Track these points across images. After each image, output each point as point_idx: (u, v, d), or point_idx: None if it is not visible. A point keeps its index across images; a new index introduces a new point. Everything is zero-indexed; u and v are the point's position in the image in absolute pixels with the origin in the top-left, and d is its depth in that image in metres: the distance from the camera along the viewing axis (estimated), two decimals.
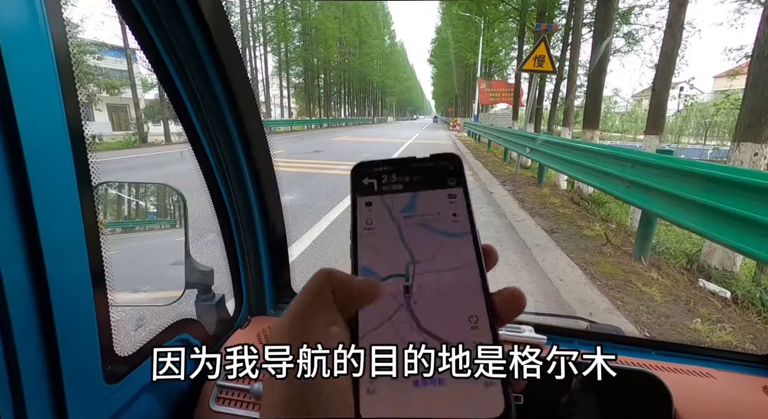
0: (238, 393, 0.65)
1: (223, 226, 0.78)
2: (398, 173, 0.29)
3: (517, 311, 0.24)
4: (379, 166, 0.29)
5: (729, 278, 3.20)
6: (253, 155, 0.74)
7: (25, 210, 0.36)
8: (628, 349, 0.71)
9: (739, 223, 2.40)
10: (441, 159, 0.29)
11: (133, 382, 0.52)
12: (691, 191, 2.81)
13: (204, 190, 0.76)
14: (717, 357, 0.69)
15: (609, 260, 3.48)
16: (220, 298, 0.78)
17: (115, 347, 0.49)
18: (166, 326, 0.62)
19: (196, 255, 0.77)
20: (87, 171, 0.43)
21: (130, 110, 20.20)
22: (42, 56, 0.37)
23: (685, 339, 2.34)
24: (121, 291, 0.59)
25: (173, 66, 0.61)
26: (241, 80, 0.68)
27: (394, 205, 0.28)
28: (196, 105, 0.67)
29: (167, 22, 0.57)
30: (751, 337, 2.41)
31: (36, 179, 0.36)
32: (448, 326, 0.23)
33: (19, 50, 0.35)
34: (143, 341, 0.57)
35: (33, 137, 0.36)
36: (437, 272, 0.25)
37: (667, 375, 0.62)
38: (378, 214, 0.28)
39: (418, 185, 0.29)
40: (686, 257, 3.69)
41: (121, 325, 0.54)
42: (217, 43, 0.62)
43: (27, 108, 0.36)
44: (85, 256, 0.42)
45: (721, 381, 0.62)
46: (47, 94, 0.38)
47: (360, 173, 0.30)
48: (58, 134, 0.39)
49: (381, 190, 0.29)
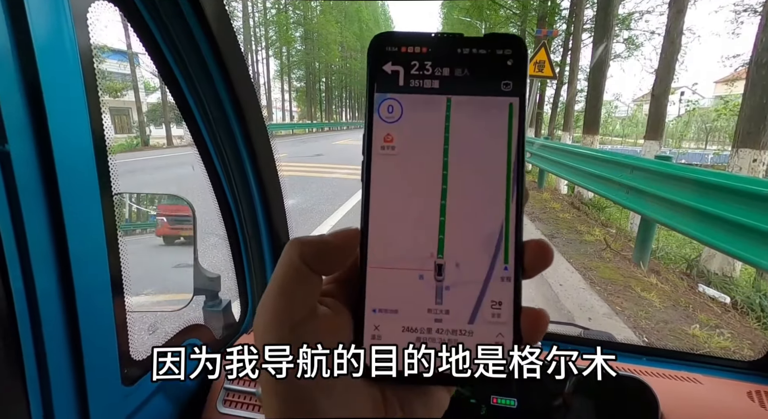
0: (244, 395, 0.68)
1: (229, 233, 0.81)
2: (436, 60, 0.21)
3: (544, 265, 0.21)
4: (411, 43, 0.21)
5: (729, 284, 3.21)
6: (258, 161, 0.77)
7: (55, 221, 0.39)
8: (620, 355, 0.74)
9: (737, 229, 2.42)
10: (497, 42, 0.21)
11: (146, 385, 0.54)
12: (689, 197, 2.83)
13: (208, 195, 0.78)
14: (705, 363, 0.72)
15: (608, 265, 3.49)
16: (227, 304, 0.81)
17: (131, 351, 0.52)
18: (176, 331, 0.65)
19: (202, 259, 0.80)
20: (108, 181, 0.46)
21: (132, 113, 20.33)
22: (71, 71, 0.40)
23: (683, 344, 2.35)
24: (136, 297, 0.62)
25: (179, 71, 0.63)
26: (245, 85, 0.71)
27: (426, 112, 0.21)
28: (203, 112, 0.69)
29: (172, 27, 0.59)
30: (749, 343, 2.42)
31: (66, 190, 0.39)
32: (467, 309, 0.20)
33: (51, 60, 0.37)
34: (155, 345, 0.60)
35: (63, 145, 0.38)
36: (469, 238, 0.21)
37: (656, 380, 0.65)
38: (405, 125, 0.21)
39: (458, 85, 0.21)
40: (686, 263, 3.70)
41: (135, 330, 0.56)
42: (221, 47, 0.63)
43: (59, 121, 0.38)
44: (106, 264, 0.45)
45: (707, 387, 0.65)
46: (76, 107, 0.41)
47: (382, 52, 0.21)
48: (85, 144, 0.42)
49: (409, 86, 0.21)
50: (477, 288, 0.21)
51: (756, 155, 3.47)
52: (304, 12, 33.41)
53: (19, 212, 0.36)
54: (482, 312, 0.21)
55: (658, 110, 5.69)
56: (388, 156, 0.21)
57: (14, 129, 0.34)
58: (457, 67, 0.21)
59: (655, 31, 13.45)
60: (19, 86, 0.35)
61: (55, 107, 0.37)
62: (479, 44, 0.21)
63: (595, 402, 0.62)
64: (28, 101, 0.35)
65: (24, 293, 0.37)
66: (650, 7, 13.23)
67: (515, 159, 0.21)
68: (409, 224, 0.21)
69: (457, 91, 0.21)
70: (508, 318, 0.20)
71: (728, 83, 23.09)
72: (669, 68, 5.71)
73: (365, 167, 0.21)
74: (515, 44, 0.21)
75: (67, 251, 0.40)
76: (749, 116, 3.49)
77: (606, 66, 7.39)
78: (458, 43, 0.21)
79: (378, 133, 0.21)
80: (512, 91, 0.21)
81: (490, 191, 0.21)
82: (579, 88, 11.01)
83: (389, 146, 0.21)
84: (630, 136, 26.20)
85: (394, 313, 0.21)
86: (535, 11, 13.00)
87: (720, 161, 13.14)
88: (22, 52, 0.35)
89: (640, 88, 37.37)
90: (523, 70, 0.21)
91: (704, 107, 27.26)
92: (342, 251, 0.21)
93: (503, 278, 0.21)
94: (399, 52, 0.21)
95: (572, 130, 9.23)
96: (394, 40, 0.21)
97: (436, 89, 0.21)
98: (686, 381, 0.66)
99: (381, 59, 0.21)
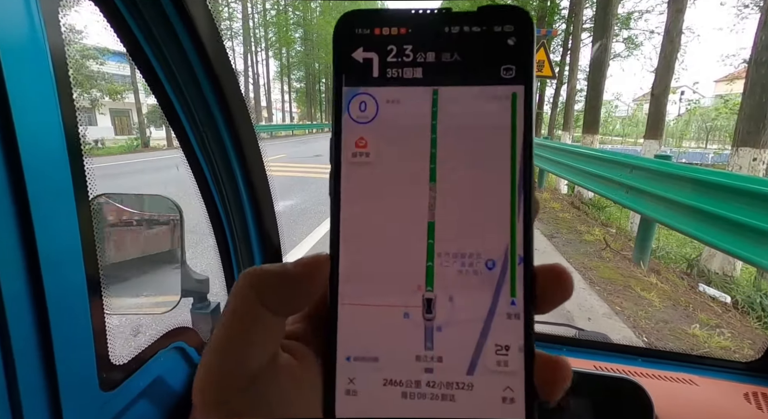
0: None
1: (218, 236, 0.80)
2: (418, 43, 0.17)
3: (562, 298, 0.17)
4: (386, 23, 0.17)
5: (729, 283, 3.20)
6: (247, 162, 0.76)
7: (23, 220, 0.38)
8: (615, 356, 0.73)
9: (737, 229, 2.41)
10: (495, 17, 0.17)
11: (128, 389, 0.53)
12: (689, 197, 2.82)
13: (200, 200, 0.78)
14: (702, 365, 0.71)
15: (608, 265, 3.48)
16: (215, 306, 0.79)
17: (111, 355, 0.51)
18: (161, 334, 0.64)
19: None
20: (84, 180, 0.45)
21: (132, 115, 20.38)
22: (39, 64, 0.39)
23: (683, 344, 2.34)
24: (118, 299, 0.61)
25: (163, 73, 0.62)
26: (232, 86, 0.70)
27: (408, 108, 0.17)
28: (189, 114, 0.68)
29: (156, 30, 0.57)
30: (750, 342, 2.41)
31: (34, 188, 0.38)
32: (464, 356, 0.16)
33: (17, 58, 0.36)
34: (139, 349, 0.59)
35: (31, 146, 0.37)
36: (465, 265, 0.17)
37: (651, 381, 0.63)
38: (381, 126, 0.17)
39: (447, 73, 0.17)
40: (686, 262, 3.69)
41: (116, 333, 0.55)
42: (207, 47, 0.62)
43: (25, 117, 0.37)
44: (81, 265, 0.44)
45: (702, 388, 0.64)
46: (44, 103, 0.39)
47: (351, 36, 0.17)
48: (55, 142, 0.41)
49: (385, 76, 0.17)
50: (477, 329, 0.16)
51: (756, 153, 3.46)
52: (304, 13, 33.49)
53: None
54: (484, 360, 0.16)
55: (658, 109, 5.69)
56: (361, 165, 0.17)
57: None
58: (444, 50, 0.17)
59: (654, 30, 13.49)
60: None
61: (20, 103, 0.36)
62: (472, 21, 0.17)
63: (590, 404, 0.61)
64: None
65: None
66: (650, 6, 13.27)
67: (521, 164, 0.17)
68: (389, 249, 0.17)
69: (445, 81, 0.17)
70: (518, 367, 0.16)
71: (728, 82, 23.08)
72: (668, 67, 5.70)
73: (333, 179, 0.17)
74: (518, 18, 0.17)
75: (36, 253, 0.38)
76: (749, 115, 3.48)
77: (605, 65, 7.39)
78: (446, 21, 0.17)
79: (348, 137, 0.17)
80: (515, 78, 0.17)
81: (490, 205, 0.17)
82: (579, 88, 11.01)
83: (362, 152, 0.17)
84: (630, 135, 26.21)
85: (374, 361, 0.16)
86: (535, 11, 13.00)
87: (721, 160, 13.13)
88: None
89: (641, 87, 37.37)
90: (529, 50, 0.17)
91: (705, 106, 27.27)
92: (307, 283, 0.16)
93: (510, 314, 0.16)
94: (372, 35, 0.17)
95: (572, 129, 9.23)
96: (365, 19, 0.17)
97: (420, 80, 0.17)
98: (682, 383, 0.65)
99: (349, 45, 0.17)
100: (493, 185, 0.17)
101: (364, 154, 0.17)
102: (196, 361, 0.69)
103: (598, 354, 0.72)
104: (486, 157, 0.17)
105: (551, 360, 0.16)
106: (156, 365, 0.59)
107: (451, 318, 0.17)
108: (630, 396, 0.58)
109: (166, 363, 0.62)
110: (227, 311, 0.16)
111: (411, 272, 0.17)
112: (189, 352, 0.67)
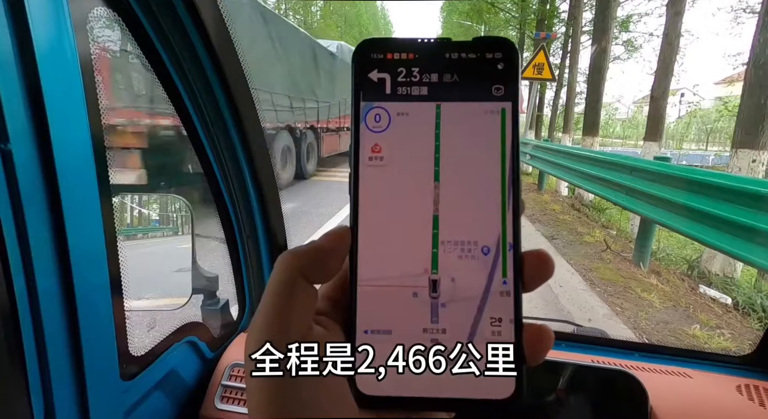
0: (241, 392, 0.69)
1: (227, 234, 0.83)
2: (424, 66, 0.21)
3: (544, 278, 0.20)
4: (397, 49, 0.21)
5: (730, 285, 3.21)
6: (256, 164, 0.79)
7: (56, 221, 0.40)
8: (612, 351, 0.75)
9: (736, 230, 2.42)
10: (487, 46, 0.21)
11: (145, 380, 0.56)
12: (688, 198, 2.84)
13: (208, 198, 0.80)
14: (697, 359, 0.73)
15: (609, 267, 3.50)
16: (224, 303, 0.82)
17: (130, 347, 0.53)
18: (174, 329, 0.67)
19: None
20: (107, 182, 0.47)
21: None
22: (71, 75, 0.41)
23: (683, 345, 2.35)
24: (135, 296, 0.64)
25: (178, 77, 0.64)
26: (242, 89, 0.73)
27: (415, 120, 0.20)
28: (200, 115, 0.70)
29: (170, 34, 0.60)
30: (750, 343, 2.42)
31: (66, 190, 0.40)
32: (465, 327, 0.19)
33: (52, 69, 0.39)
34: (154, 342, 0.61)
35: (64, 150, 0.40)
36: (464, 251, 0.20)
37: (647, 375, 0.66)
38: (393, 134, 0.20)
39: (447, 91, 0.21)
40: (687, 263, 3.70)
41: (133, 327, 0.58)
42: (218, 52, 0.64)
43: (59, 122, 0.39)
44: (105, 262, 0.47)
45: (696, 381, 0.66)
46: (75, 109, 0.42)
47: (368, 58, 0.21)
48: (84, 145, 0.43)
49: (396, 93, 0.21)
50: (475, 304, 0.20)
51: (755, 155, 3.47)
52: (305, 17, 33.64)
53: (21, 212, 0.37)
54: (481, 330, 0.19)
55: (658, 111, 5.71)
56: (376, 167, 0.20)
57: (16, 130, 0.35)
58: (445, 72, 0.21)
59: (653, 32, 13.53)
60: (20, 89, 0.36)
61: (55, 108, 0.39)
62: (468, 49, 0.21)
63: (587, 396, 0.63)
64: (29, 103, 0.37)
65: (26, 292, 0.38)
66: (649, 9, 13.34)
67: (510, 166, 0.20)
68: (400, 237, 0.20)
69: (446, 97, 0.20)
70: (509, 336, 0.19)
71: (727, 84, 23.12)
72: (668, 70, 5.73)
73: (353, 180, 0.20)
74: (505, 47, 0.21)
75: (68, 251, 0.41)
76: (748, 117, 3.50)
77: (605, 68, 7.42)
78: (446, 48, 0.21)
79: (365, 143, 0.20)
80: (504, 95, 0.20)
81: (484, 201, 0.20)
82: (578, 91, 11.06)
83: (377, 156, 0.20)
84: (631, 137, 26.21)
85: (388, 334, 0.19)
86: (534, 14, 13.08)
87: (721, 162, 13.12)
88: (23, 56, 0.36)
89: (640, 90, 37.44)
90: (515, 73, 0.21)
91: (704, 108, 27.28)
92: (336, 251, 0.20)
93: (502, 292, 0.20)
94: (385, 59, 0.21)
95: (572, 132, 9.25)
96: (379, 46, 0.21)
97: (425, 96, 0.21)
98: (677, 376, 0.67)
99: (366, 67, 0.21)
100: (487, 183, 0.20)
101: (379, 158, 0.20)
102: (208, 356, 0.71)
103: (595, 349, 0.75)
104: (481, 161, 0.20)
105: (537, 329, 0.20)
106: (170, 358, 0.62)
107: (454, 295, 0.20)
108: (625, 388, 0.61)
109: (179, 356, 0.65)
110: (273, 282, 0.19)
111: (419, 258, 0.20)
112: (200, 346, 0.69)
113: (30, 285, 0.38)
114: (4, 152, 0.34)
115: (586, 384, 0.63)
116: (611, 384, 0.62)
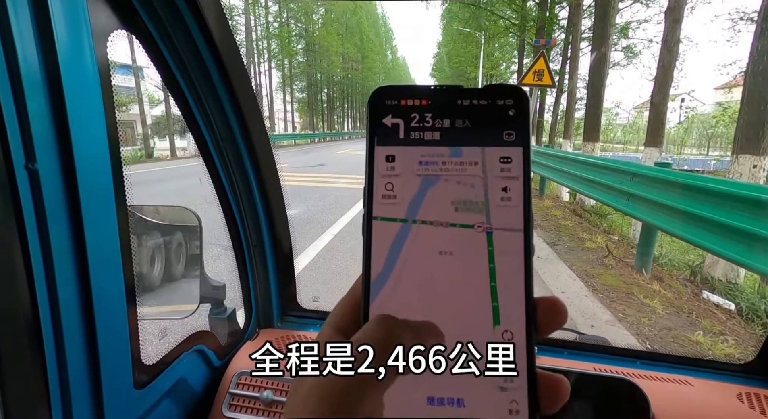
0: (248, 400, 0.70)
1: (234, 243, 0.84)
2: (437, 112, 0.21)
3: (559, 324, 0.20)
4: (410, 96, 0.21)
5: (733, 290, 3.20)
6: (262, 173, 0.80)
7: (77, 234, 0.42)
8: (614, 359, 0.76)
9: (737, 236, 2.42)
10: (498, 93, 0.21)
11: (156, 389, 0.57)
12: (689, 203, 2.84)
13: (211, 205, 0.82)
14: (698, 366, 0.74)
15: (611, 273, 3.49)
16: (231, 311, 0.83)
17: (142, 356, 0.55)
18: (183, 338, 0.68)
19: None
20: (123, 194, 0.49)
21: (136, 126, 20.62)
22: (92, 95, 0.43)
23: (686, 351, 2.34)
24: (149, 304, 0.65)
25: (186, 87, 0.66)
26: (248, 98, 0.74)
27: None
28: (208, 124, 0.72)
29: (178, 42, 0.61)
30: (754, 349, 2.41)
31: (87, 206, 0.42)
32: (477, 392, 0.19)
33: (76, 90, 0.41)
34: (164, 351, 0.63)
35: (85, 166, 0.41)
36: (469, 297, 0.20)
37: (648, 382, 0.66)
38: (405, 177, 0.21)
39: (459, 136, 0.21)
40: (689, 269, 3.69)
41: (144, 336, 0.59)
42: (225, 61, 0.66)
43: (81, 140, 0.41)
44: (121, 273, 0.48)
45: (697, 389, 0.67)
46: (96, 127, 0.44)
47: (382, 105, 0.22)
48: (103, 161, 0.45)
49: (409, 138, 0.21)
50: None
51: (756, 161, 3.48)
52: (306, 25, 33.97)
53: (45, 228, 0.39)
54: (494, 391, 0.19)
55: (658, 117, 5.73)
56: (389, 205, 0.21)
57: (43, 149, 0.37)
58: (457, 118, 0.21)
59: (652, 39, 13.62)
60: (47, 109, 0.38)
61: (78, 127, 0.41)
62: (479, 96, 0.21)
63: (589, 404, 0.64)
64: (54, 122, 0.39)
65: (48, 302, 0.40)
66: (648, 16, 13.43)
67: (523, 211, 0.20)
68: (416, 279, 0.20)
69: (458, 142, 0.21)
70: (521, 383, 0.19)
71: (727, 90, 23.16)
72: (667, 76, 5.76)
73: (366, 220, 0.21)
74: (516, 94, 0.21)
75: (87, 262, 0.43)
76: (747, 123, 3.52)
77: (605, 73, 7.47)
78: (458, 95, 0.21)
79: (379, 184, 0.21)
80: (515, 141, 0.21)
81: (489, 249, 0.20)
82: (579, 96, 11.10)
83: (391, 195, 0.21)
84: (631, 142, 26.25)
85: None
86: (534, 21, 13.18)
87: (722, 167, 13.12)
88: (50, 79, 0.38)
89: (640, 95, 37.55)
90: (526, 120, 0.21)
91: (704, 113, 27.32)
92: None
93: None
94: (398, 106, 0.21)
95: (573, 137, 9.28)
96: (393, 93, 0.22)
97: (437, 141, 0.21)
98: (678, 384, 0.68)
99: (381, 112, 0.21)
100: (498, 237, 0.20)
101: (392, 196, 0.21)
102: (216, 364, 0.73)
103: (597, 357, 0.76)
104: (489, 215, 0.20)
105: (553, 378, 0.19)
106: (180, 366, 0.63)
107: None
108: (627, 396, 0.62)
109: (189, 365, 0.66)
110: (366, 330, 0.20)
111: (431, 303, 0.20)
112: (209, 355, 0.71)
113: (52, 295, 0.40)
114: (32, 172, 0.36)
115: (588, 392, 0.64)
116: (613, 392, 0.63)
